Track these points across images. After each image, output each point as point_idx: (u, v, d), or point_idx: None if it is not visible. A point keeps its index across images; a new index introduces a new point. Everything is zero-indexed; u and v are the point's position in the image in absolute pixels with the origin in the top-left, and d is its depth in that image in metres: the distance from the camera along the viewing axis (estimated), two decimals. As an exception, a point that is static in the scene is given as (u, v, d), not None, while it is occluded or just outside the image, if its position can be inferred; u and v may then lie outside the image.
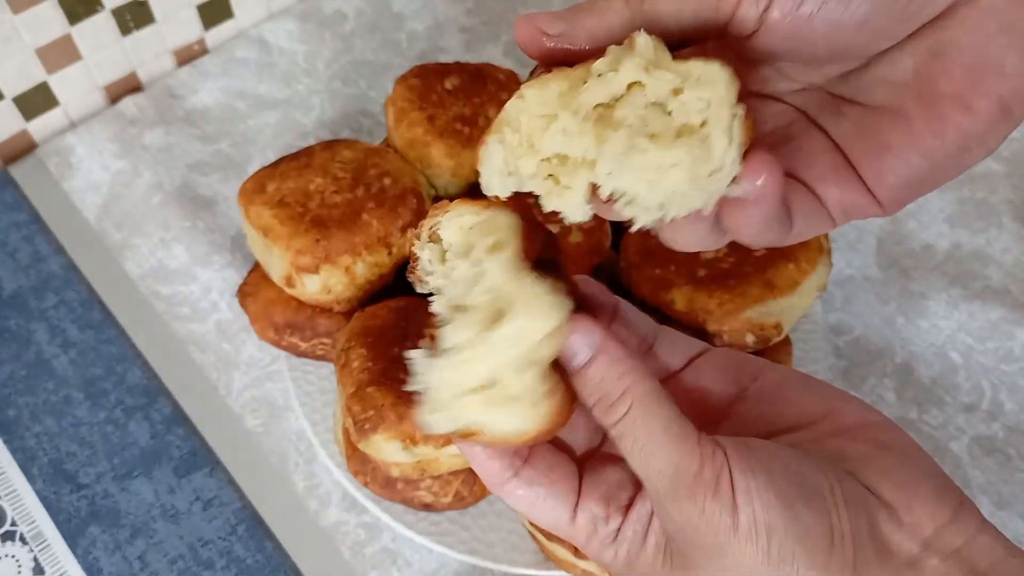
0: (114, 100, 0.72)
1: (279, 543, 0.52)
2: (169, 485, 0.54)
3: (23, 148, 0.70)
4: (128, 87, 0.73)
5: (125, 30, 0.69)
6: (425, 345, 0.27)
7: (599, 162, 0.25)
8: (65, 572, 0.51)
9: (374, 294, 0.53)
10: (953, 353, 0.59)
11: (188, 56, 0.75)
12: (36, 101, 0.68)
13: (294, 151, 0.54)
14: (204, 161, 0.69)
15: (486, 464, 0.30)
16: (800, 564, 0.25)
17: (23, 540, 0.52)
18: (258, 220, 0.50)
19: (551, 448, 0.31)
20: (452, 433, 0.28)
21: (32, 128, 0.69)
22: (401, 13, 0.79)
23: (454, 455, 0.46)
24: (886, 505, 0.26)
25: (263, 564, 0.52)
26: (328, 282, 0.50)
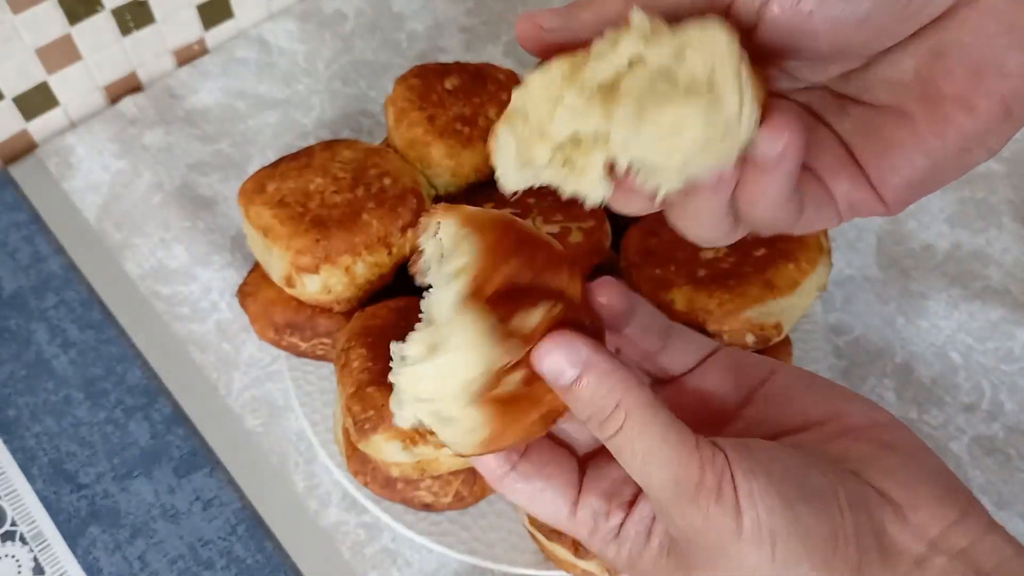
0: (114, 100, 0.72)
1: (279, 543, 0.53)
2: (169, 485, 0.54)
3: (23, 148, 0.70)
4: (128, 87, 0.73)
5: (125, 30, 0.69)
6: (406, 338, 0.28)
7: (612, 132, 0.25)
8: (65, 572, 0.51)
9: (374, 294, 0.53)
10: (953, 353, 0.59)
11: (188, 56, 0.75)
12: (36, 101, 0.68)
13: (294, 151, 0.54)
14: (204, 161, 0.69)
15: (483, 459, 0.30)
16: (804, 565, 0.25)
17: (23, 540, 0.52)
18: (258, 220, 0.50)
19: (549, 443, 0.31)
20: (415, 429, 0.29)
21: (32, 128, 0.69)
22: (401, 13, 0.79)
23: (454, 455, 0.46)
24: (892, 504, 0.26)
25: (263, 564, 0.52)
26: (328, 282, 0.50)
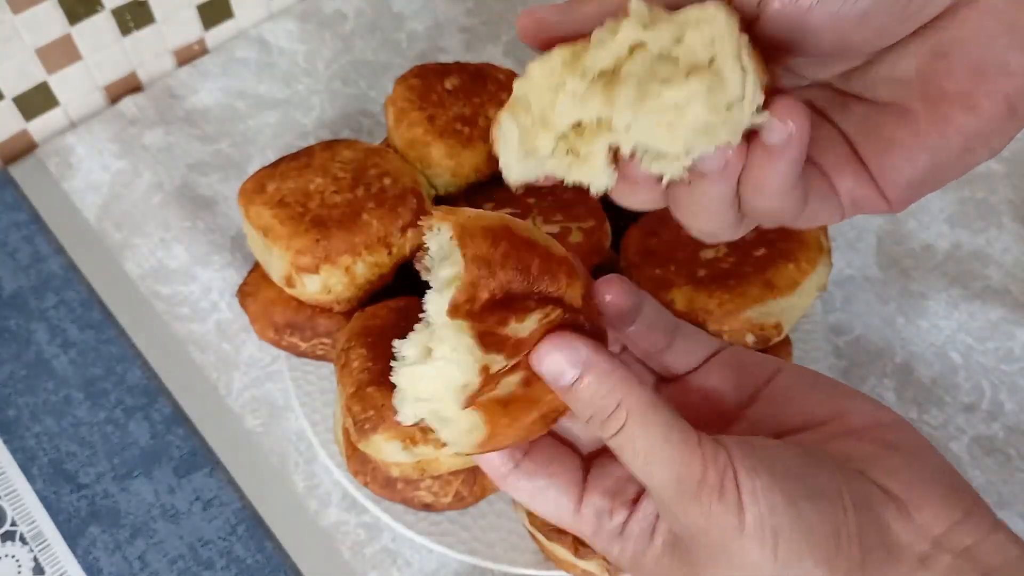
0: (114, 100, 0.72)
1: (279, 543, 0.53)
2: (169, 485, 0.54)
3: (23, 148, 0.70)
4: (128, 87, 0.73)
5: (125, 30, 0.69)
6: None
7: (614, 117, 0.25)
8: (65, 572, 0.51)
9: (374, 294, 0.53)
10: (953, 353, 0.59)
11: (188, 56, 0.75)
12: (36, 101, 0.68)
13: (294, 151, 0.54)
14: (204, 161, 0.69)
15: (486, 457, 0.30)
16: (807, 562, 0.25)
17: (23, 540, 0.52)
18: (258, 220, 0.50)
19: (553, 442, 0.31)
20: (416, 426, 0.29)
21: (32, 128, 0.69)
22: (401, 13, 0.79)
23: (454, 455, 0.46)
24: (896, 503, 0.26)
25: (263, 564, 0.52)
26: (328, 282, 0.50)
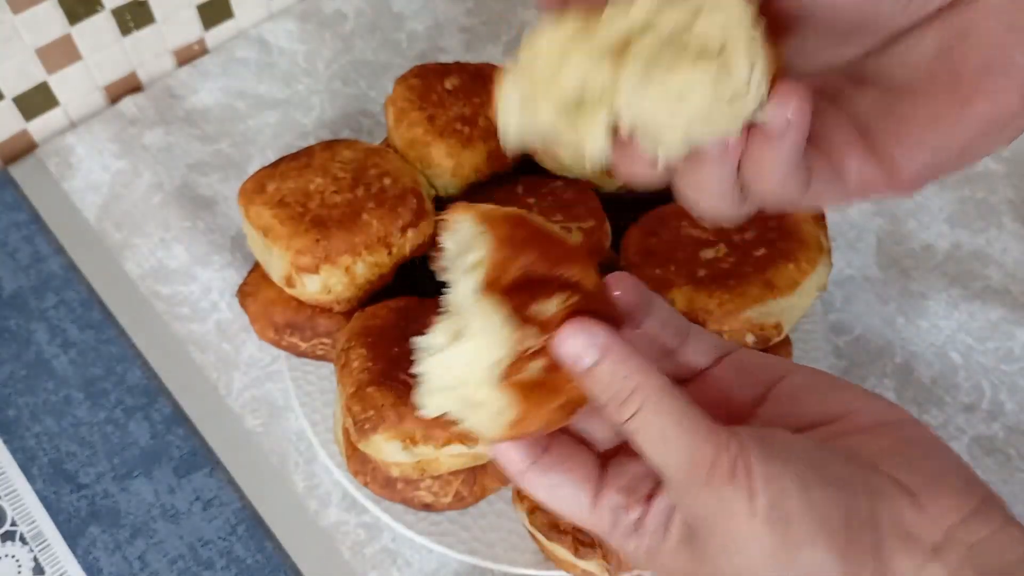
0: (114, 100, 0.72)
1: (279, 543, 0.53)
2: (169, 485, 0.54)
3: (23, 148, 0.70)
4: (128, 87, 0.73)
5: (125, 30, 0.69)
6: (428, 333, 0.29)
7: (618, 90, 0.25)
8: (65, 572, 0.51)
9: (374, 294, 0.53)
10: (953, 353, 0.59)
11: (188, 56, 0.75)
12: (36, 101, 0.68)
13: (294, 151, 0.54)
14: (204, 161, 0.69)
15: (506, 453, 0.30)
16: (819, 548, 0.25)
17: (23, 540, 0.52)
18: (258, 220, 0.50)
19: (571, 440, 0.31)
20: (441, 419, 0.29)
21: (32, 128, 0.69)
22: (401, 13, 0.79)
23: (454, 455, 0.46)
24: (910, 494, 0.26)
25: (263, 564, 0.52)
26: (328, 282, 0.50)
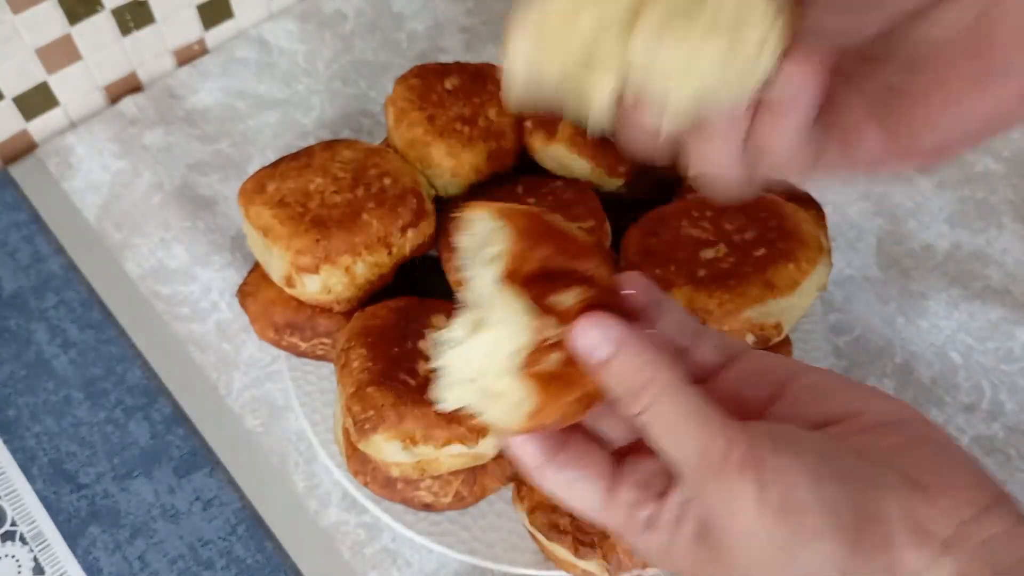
0: (114, 100, 0.72)
1: (279, 543, 0.53)
2: (169, 485, 0.54)
3: (23, 148, 0.70)
4: (128, 87, 0.73)
5: (125, 30, 0.69)
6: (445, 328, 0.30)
7: (629, 54, 0.25)
8: (65, 572, 0.51)
9: (374, 294, 0.53)
10: (953, 353, 0.59)
11: (188, 56, 0.75)
12: (36, 101, 0.68)
13: (294, 151, 0.54)
14: (204, 161, 0.69)
15: (522, 448, 0.31)
16: (828, 542, 0.25)
17: (23, 540, 0.52)
18: (258, 220, 0.50)
19: (584, 438, 0.31)
20: (458, 412, 0.30)
21: (32, 128, 0.69)
22: (401, 13, 0.79)
23: (454, 455, 0.46)
24: (921, 489, 0.26)
25: (263, 564, 0.52)
26: (328, 282, 0.50)
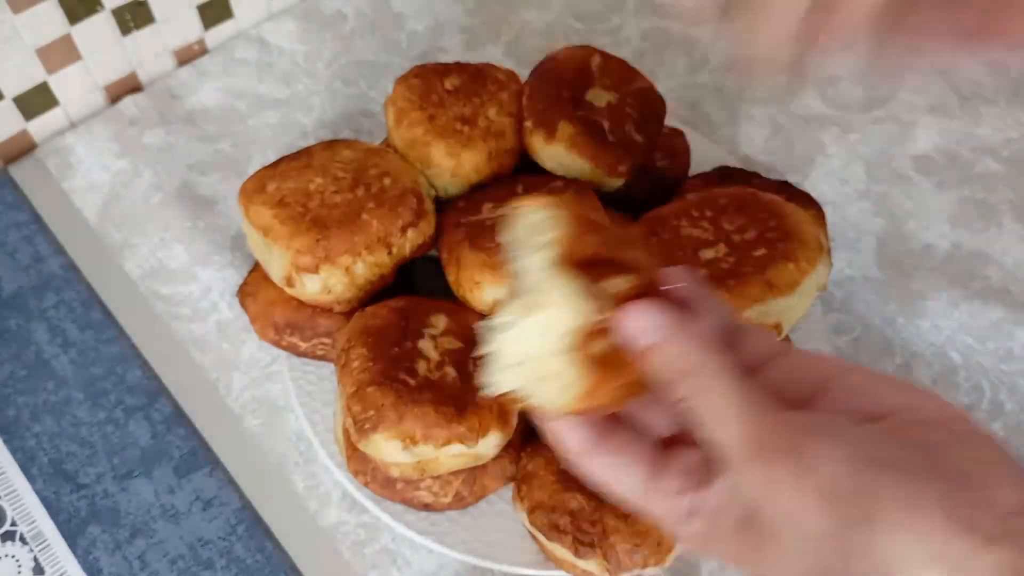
0: (114, 100, 0.72)
1: (279, 543, 0.53)
2: (169, 485, 0.54)
3: (23, 148, 0.70)
4: (128, 87, 0.73)
5: (125, 30, 0.69)
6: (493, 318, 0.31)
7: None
8: (65, 572, 0.51)
9: (374, 294, 0.53)
10: (953, 353, 0.59)
11: (188, 56, 0.75)
12: (36, 101, 0.68)
13: (294, 151, 0.54)
14: (204, 161, 0.69)
15: (568, 434, 0.31)
16: (873, 528, 0.25)
17: (23, 540, 0.52)
18: (258, 220, 0.50)
19: (626, 427, 0.32)
20: (506, 397, 0.31)
21: (32, 128, 0.69)
22: (401, 13, 0.79)
23: (454, 455, 0.46)
24: (964, 481, 0.26)
25: (263, 564, 0.52)
26: (328, 282, 0.50)
